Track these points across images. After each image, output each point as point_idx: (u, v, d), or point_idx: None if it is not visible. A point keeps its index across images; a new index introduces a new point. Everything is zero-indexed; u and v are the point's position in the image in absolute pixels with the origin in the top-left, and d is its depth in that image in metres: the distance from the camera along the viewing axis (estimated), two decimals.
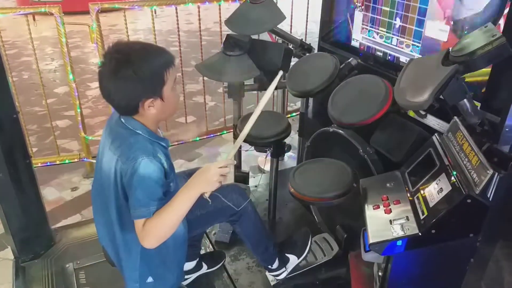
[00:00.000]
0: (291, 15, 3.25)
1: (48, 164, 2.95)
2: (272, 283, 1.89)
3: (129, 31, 2.95)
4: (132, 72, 1.15)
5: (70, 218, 2.52)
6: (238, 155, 2.50)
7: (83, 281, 1.92)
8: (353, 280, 1.69)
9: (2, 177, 1.86)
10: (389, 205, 1.29)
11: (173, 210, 1.21)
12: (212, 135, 3.41)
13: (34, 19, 6.14)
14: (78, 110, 2.88)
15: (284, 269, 1.86)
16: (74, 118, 3.01)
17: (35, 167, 2.05)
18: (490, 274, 1.57)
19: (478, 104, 1.37)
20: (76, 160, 2.99)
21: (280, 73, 1.35)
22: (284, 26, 2.22)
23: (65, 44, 2.68)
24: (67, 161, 2.99)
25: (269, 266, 1.84)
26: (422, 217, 1.18)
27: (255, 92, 3.25)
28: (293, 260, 1.87)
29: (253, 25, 2.01)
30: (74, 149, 3.32)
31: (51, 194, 2.78)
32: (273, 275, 1.88)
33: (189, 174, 1.46)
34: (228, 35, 2.09)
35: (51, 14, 2.59)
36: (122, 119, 1.27)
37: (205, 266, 1.92)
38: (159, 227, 1.21)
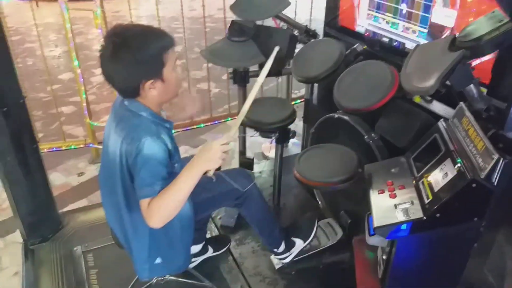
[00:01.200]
0: (295, 1, 3.23)
1: (54, 149, 2.97)
2: (277, 267, 1.92)
3: (132, 17, 2.94)
4: (131, 55, 1.17)
5: (77, 203, 2.55)
6: (243, 141, 2.51)
7: (91, 263, 1.96)
8: (357, 264, 1.71)
9: (10, 161, 1.89)
10: (394, 190, 1.30)
11: (177, 188, 1.22)
12: (216, 122, 3.42)
13: (37, 6, 6.12)
14: (84, 96, 2.89)
15: (290, 252, 1.89)
16: (79, 104, 3.02)
17: (41, 152, 2.07)
18: (493, 259, 1.59)
19: (485, 90, 1.37)
20: (81, 145, 3.02)
21: (277, 48, 1.33)
22: (288, 12, 2.20)
23: (69, 30, 2.68)
24: (73, 147, 3.02)
25: (275, 250, 1.87)
26: (426, 202, 1.20)
27: None
28: (299, 244, 1.90)
29: (258, 11, 2.01)
30: (79, 135, 3.34)
31: (58, 179, 2.81)
32: (278, 259, 1.91)
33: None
34: (233, 21, 2.08)
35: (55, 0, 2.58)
36: (125, 102, 1.29)
37: (211, 250, 1.95)
38: (164, 206, 1.21)
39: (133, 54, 1.17)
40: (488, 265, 1.59)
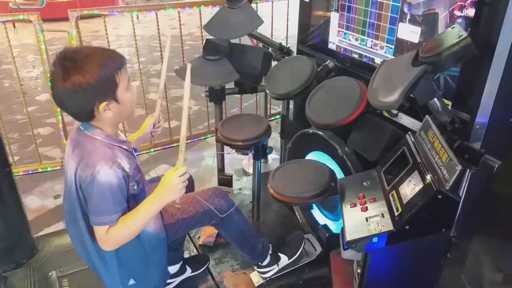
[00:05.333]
0: (271, 19, 3.29)
1: (30, 172, 2.92)
2: (256, 285, 1.90)
3: (111, 37, 2.97)
4: (81, 78, 1.14)
5: (53, 226, 2.50)
6: (221, 158, 2.51)
7: None
8: (334, 279, 1.71)
9: None
10: (366, 203, 1.32)
11: (138, 220, 1.25)
12: (196, 139, 3.42)
13: (14, 27, 6.09)
14: (60, 117, 2.86)
15: (274, 266, 1.88)
16: (56, 126, 2.99)
17: (16, 175, 2.04)
18: (470, 268, 1.61)
19: (449, 103, 1.41)
20: (58, 167, 2.97)
21: (189, 65, 1.26)
22: (267, 29, 2.24)
23: (44, 51, 2.67)
24: (49, 169, 2.97)
25: (259, 263, 1.86)
26: (396, 214, 1.21)
27: (238, 95, 3.29)
28: (283, 260, 1.91)
29: (231, 30, 2.04)
30: (56, 156, 3.29)
31: (34, 202, 2.74)
32: (261, 272, 1.89)
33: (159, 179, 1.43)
34: (207, 39, 2.11)
35: (30, 21, 2.58)
36: (81, 127, 1.27)
37: (189, 270, 1.93)
38: (123, 234, 1.25)
39: (84, 77, 1.14)
40: (466, 274, 1.61)
